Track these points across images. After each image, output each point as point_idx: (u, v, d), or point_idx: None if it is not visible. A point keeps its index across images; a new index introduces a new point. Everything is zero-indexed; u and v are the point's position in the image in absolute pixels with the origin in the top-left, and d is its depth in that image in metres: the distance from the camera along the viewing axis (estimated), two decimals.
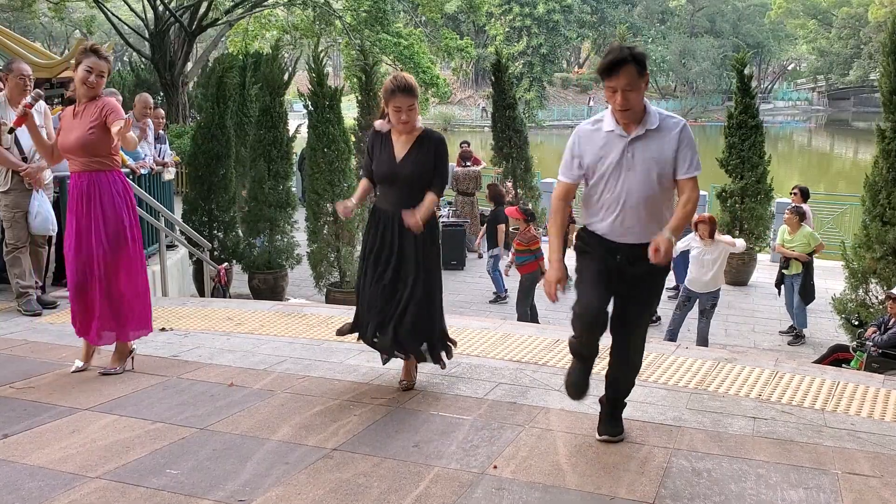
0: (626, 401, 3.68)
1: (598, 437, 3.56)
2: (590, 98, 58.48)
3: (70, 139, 4.23)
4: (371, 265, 4.06)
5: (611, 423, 3.59)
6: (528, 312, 8.98)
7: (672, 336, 8.12)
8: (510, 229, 11.14)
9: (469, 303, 10.42)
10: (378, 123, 4.07)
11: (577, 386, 3.50)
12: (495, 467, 3.26)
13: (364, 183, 4.18)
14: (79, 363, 4.47)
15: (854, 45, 55.67)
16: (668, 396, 4.19)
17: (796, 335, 9.12)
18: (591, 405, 4.02)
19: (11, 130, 4.74)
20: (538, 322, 8.81)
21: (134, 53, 25.94)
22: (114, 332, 4.38)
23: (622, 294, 3.38)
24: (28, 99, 4.47)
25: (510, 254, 9.49)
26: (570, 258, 3.48)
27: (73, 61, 4.47)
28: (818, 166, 39.80)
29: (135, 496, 2.95)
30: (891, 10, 41.14)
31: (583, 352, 3.48)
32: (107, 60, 4.30)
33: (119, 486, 3.03)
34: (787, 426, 3.80)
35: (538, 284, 8.97)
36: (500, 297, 10.63)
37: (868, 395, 4.28)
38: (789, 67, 74.08)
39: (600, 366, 3.61)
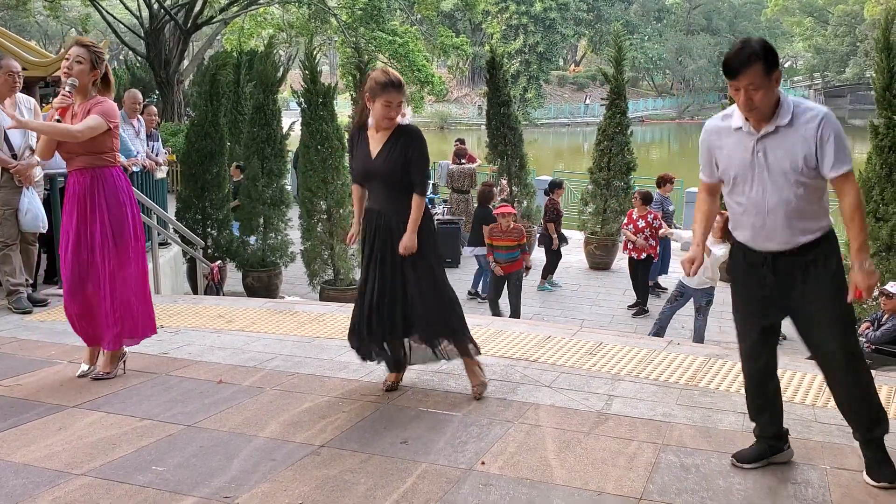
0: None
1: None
2: (586, 96, 58.46)
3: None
4: (373, 270, 3.93)
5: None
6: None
7: (659, 331, 8.06)
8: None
9: (464, 300, 10.41)
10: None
11: None
12: (483, 463, 3.25)
13: (356, 191, 4.10)
14: (84, 367, 4.34)
15: (850, 42, 55.70)
16: (659, 392, 4.18)
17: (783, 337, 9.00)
18: (580, 401, 4.01)
19: (59, 120, 4.23)
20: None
21: (129, 52, 25.84)
22: (131, 337, 4.31)
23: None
24: (68, 88, 4.12)
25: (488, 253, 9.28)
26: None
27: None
28: None
29: (119, 493, 2.94)
30: (886, 8, 41.16)
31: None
32: (87, 47, 4.14)
33: (104, 483, 3.02)
34: None
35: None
36: (479, 295, 10.68)
37: None
38: (786, 65, 74.11)
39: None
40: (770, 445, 3.30)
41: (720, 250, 7.49)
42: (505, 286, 9.08)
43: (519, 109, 48.01)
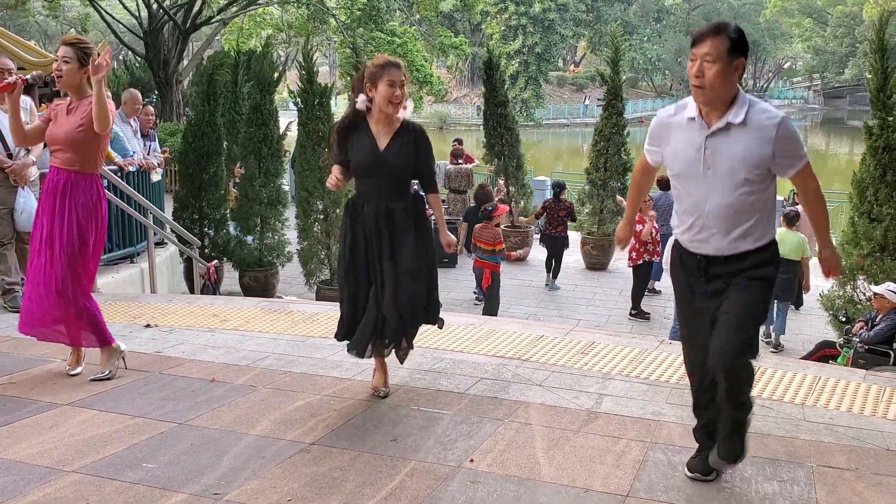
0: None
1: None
2: (586, 97, 58.51)
3: (59, 132, 4.16)
4: (362, 265, 3.85)
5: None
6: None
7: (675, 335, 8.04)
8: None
9: (461, 301, 10.42)
10: (361, 98, 3.81)
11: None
12: (472, 461, 3.27)
13: (338, 169, 3.88)
14: (78, 369, 4.33)
15: (849, 43, 55.76)
16: (649, 391, 4.20)
17: (775, 345, 9.01)
18: (570, 400, 4.03)
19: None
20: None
21: (128, 52, 25.86)
22: (93, 336, 4.27)
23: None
24: (28, 76, 4.19)
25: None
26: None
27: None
28: (814, 164, 39.76)
29: (110, 489, 2.96)
30: (881, 10, 41.20)
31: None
32: (73, 45, 4.12)
33: (95, 479, 3.04)
34: (765, 420, 3.81)
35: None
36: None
37: (848, 390, 4.29)
38: (785, 66, 74.20)
39: None
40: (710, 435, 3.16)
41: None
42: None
43: (521, 111, 48.24)
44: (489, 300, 8.97)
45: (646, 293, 10.24)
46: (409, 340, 4.03)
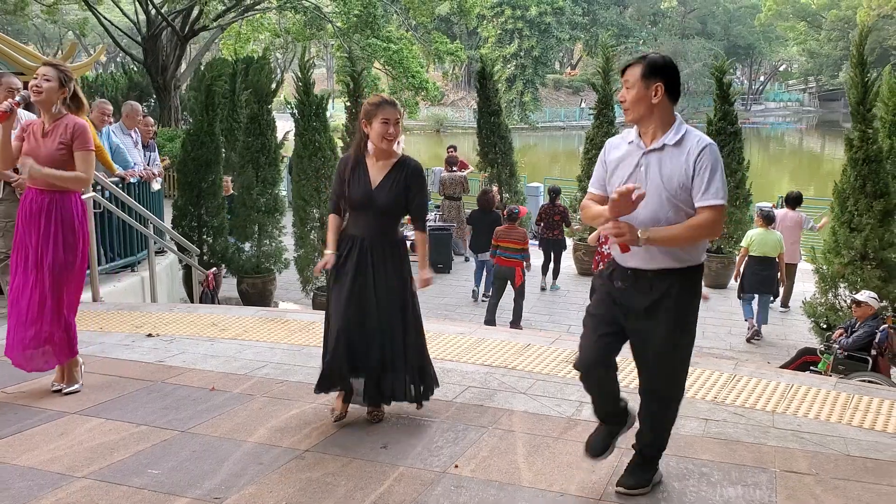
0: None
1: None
2: (582, 100, 58.78)
3: (39, 155, 4.21)
4: (345, 298, 3.89)
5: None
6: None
7: None
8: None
9: (455, 305, 10.65)
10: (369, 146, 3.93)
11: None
12: (457, 466, 3.49)
13: (333, 221, 4.08)
14: (71, 386, 4.41)
15: (843, 47, 55.96)
16: (627, 398, 4.40)
17: (756, 331, 9.38)
18: (552, 408, 4.25)
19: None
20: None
21: (126, 56, 26.08)
22: (68, 350, 4.34)
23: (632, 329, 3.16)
24: (18, 97, 4.30)
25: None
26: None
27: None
28: (808, 167, 40.12)
29: (117, 494, 3.17)
30: (878, 14, 41.53)
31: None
32: (55, 67, 4.25)
33: (103, 485, 3.25)
34: (736, 427, 4.03)
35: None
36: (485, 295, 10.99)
37: (818, 398, 4.51)
38: (780, 69, 74.51)
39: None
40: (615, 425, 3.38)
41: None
42: (505, 289, 9.54)
43: (518, 114, 48.40)
44: (519, 296, 9.55)
45: None
46: (380, 401, 4.00)
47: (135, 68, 27.70)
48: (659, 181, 3.03)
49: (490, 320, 9.38)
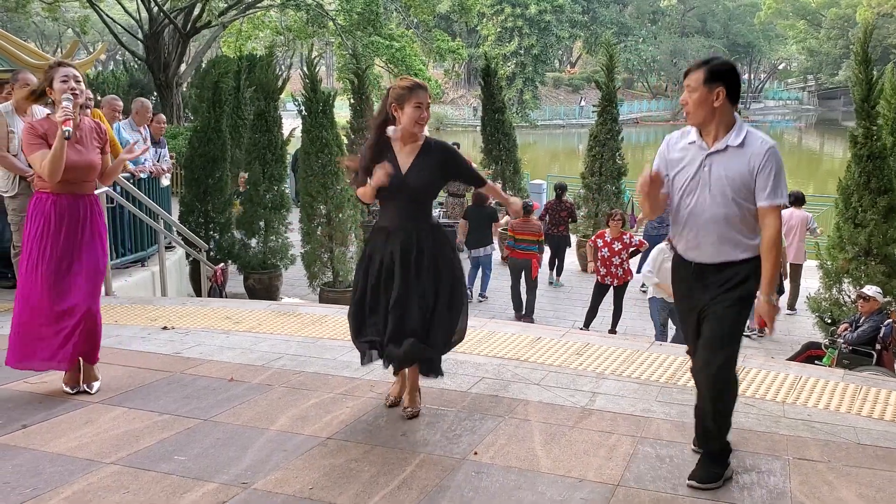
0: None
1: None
2: (581, 98, 58.86)
3: (82, 160, 4.16)
4: (383, 291, 3.81)
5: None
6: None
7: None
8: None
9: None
10: (391, 130, 3.84)
11: None
12: (476, 453, 3.56)
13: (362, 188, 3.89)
14: (93, 384, 4.34)
15: (843, 45, 56.16)
16: (640, 390, 4.49)
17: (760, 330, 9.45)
18: (566, 398, 4.33)
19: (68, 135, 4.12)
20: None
21: (127, 53, 26.10)
22: (87, 354, 4.28)
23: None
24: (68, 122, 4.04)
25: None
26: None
27: (44, 82, 4.22)
28: (808, 166, 40.20)
29: (147, 479, 3.24)
30: (878, 12, 41.62)
31: None
32: (72, 66, 4.25)
33: (132, 470, 3.32)
34: (748, 417, 4.10)
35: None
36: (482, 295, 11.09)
37: (827, 389, 4.59)
38: (780, 67, 74.68)
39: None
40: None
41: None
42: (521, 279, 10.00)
43: (518, 112, 48.46)
44: (532, 289, 9.94)
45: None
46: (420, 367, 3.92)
47: (135, 66, 27.73)
48: (725, 182, 3.18)
49: (518, 305, 9.98)
